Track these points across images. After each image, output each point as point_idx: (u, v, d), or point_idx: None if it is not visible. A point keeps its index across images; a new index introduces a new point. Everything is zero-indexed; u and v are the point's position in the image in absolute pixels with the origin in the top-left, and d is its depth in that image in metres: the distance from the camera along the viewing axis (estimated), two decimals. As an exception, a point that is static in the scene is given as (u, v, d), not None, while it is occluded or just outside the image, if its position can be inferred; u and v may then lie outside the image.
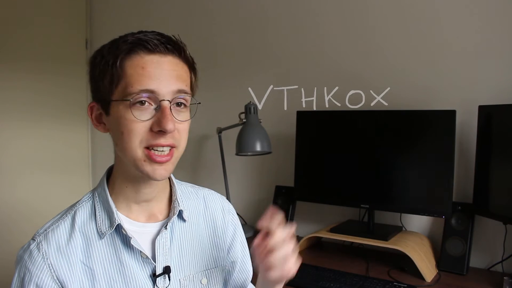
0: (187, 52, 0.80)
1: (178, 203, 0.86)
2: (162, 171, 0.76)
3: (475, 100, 1.49)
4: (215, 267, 0.90)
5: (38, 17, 2.26)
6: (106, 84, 0.76)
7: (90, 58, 0.80)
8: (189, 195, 0.93)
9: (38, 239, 0.78)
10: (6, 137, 2.14)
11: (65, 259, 0.76)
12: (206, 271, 0.88)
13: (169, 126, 0.73)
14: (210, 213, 0.94)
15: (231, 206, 0.99)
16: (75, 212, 0.81)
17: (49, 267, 0.75)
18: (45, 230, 0.79)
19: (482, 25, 1.53)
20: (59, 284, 0.75)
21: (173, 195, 0.88)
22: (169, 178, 0.90)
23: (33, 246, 0.77)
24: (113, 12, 2.49)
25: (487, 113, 1.42)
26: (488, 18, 1.52)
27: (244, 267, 0.98)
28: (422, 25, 1.64)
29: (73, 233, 0.79)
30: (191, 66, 0.82)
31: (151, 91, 0.73)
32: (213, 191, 0.99)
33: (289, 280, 1.34)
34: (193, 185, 0.97)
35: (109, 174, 0.86)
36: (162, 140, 0.74)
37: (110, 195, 0.82)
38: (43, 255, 0.76)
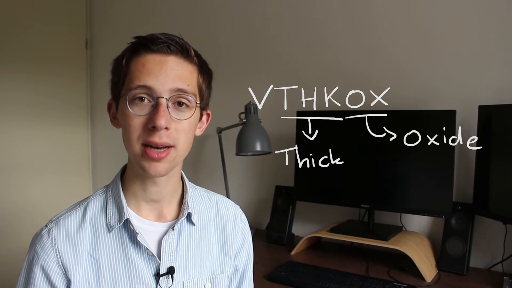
0: (192, 52, 0.80)
1: (188, 206, 0.86)
2: (157, 167, 0.76)
3: (475, 100, 1.49)
4: (221, 273, 0.90)
5: (38, 17, 2.26)
6: (116, 81, 0.80)
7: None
8: (201, 200, 0.93)
9: (50, 225, 0.81)
10: (6, 138, 2.14)
11: (72, 247, 0.78)
12: (212, 277, 0.88)
13: (160, 122, 0.73)
14: (221, 219, 0.94)
15: (243, 216, 0.99)
16: (87, 204, 0.83)
17: (56, 252, 0.78)
18: (58, 217, 0.82)
19: (482, 25, 1.54)
20: (63, 270, 0.77)
21: (184, 197, 0.88)
22: (183, 180, 0.91)
23: (44, 231, 0.80)
24: (113, 12, 2.50)
25: (487, 113, 1.42)
26: (488, 18, 1.53)
27: (245, 277, 0.97)
28: (422, 25, 1.64)
29: (84, 224, 0.81)
30: (200, 67, 0.82)
31: (148, 87, 0.75)
32: (227, 198, 0.99)
33: (289, 280, 1.35)
34: (208, 190, 0.97)
35: (124, 171, 0.87)
36: (157, 138, 0.75)
37: (122, 191, 0.83)
38: (52, 240, 0.78)
